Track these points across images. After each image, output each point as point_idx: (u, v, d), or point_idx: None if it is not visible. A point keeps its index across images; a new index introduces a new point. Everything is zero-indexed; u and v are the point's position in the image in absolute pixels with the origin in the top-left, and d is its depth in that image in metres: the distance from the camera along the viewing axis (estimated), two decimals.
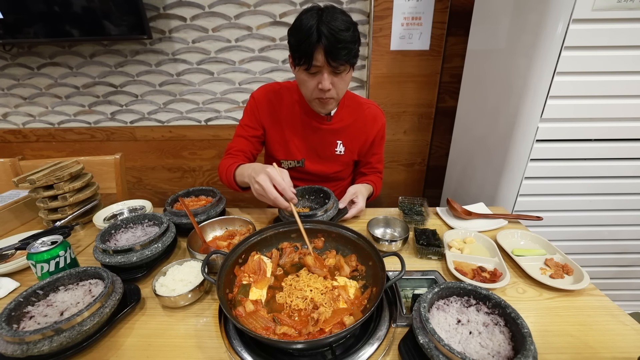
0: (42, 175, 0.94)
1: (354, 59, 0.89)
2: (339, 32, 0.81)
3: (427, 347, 0.48)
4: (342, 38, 0.81)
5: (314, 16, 0.82)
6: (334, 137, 1.11)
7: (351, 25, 0.84)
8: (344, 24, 0.82)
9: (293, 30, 0.87)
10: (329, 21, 0.81)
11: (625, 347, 0.57)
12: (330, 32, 0.80)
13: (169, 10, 1.64)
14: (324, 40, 0.81)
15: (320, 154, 1.12)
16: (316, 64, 0.85)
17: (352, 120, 1.10)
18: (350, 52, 0.85)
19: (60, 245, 0.70)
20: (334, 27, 0.81)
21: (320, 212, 0.88)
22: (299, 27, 0.84)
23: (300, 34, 0.83)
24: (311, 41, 0.81)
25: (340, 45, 0.82)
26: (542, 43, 1.00)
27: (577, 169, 1.17)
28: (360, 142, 1.13)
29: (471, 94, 1.51)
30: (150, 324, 0.64)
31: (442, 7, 1.57)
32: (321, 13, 0.83)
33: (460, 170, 1.64)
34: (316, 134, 1.09)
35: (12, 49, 1.73)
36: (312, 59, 0.84)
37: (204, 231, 0.87)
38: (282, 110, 1.08)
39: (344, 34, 0.82)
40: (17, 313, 0.57)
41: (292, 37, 0.87)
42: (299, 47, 0.85)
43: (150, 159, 2.02)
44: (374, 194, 1.19)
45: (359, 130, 1.12)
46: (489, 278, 0.73)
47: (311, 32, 0.81)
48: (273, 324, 0.57)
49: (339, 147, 1.12)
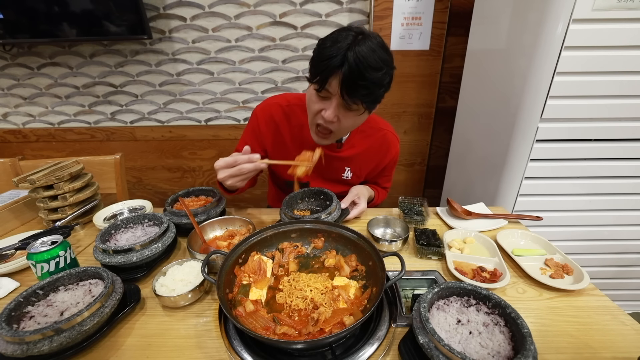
0: (42, 175, 0.94)
1: (371, 104, 0.79)
2: (367, 68, 0.70)
3: (427, 347, 0.48)
4: (368, 75, 0.71)
5: (349, 37, 0.72)
6: (342, 164, 1.05)
7: (384, 67, 0.73)
8: (377, 62, 0.72)
9: (322, 42, 0.76)
10: (362, 51, 0.70)
11: (625, 347, 0.57)
12: (357, 63, 0.70)
13: (169, 10, 1.64)
14: (345, 68, 0.70)
15: (326, 177, 1.07)
16: (329, 89, 0.76)
17: (363, 148, 1.03)
18: (370, 94, 0.75)
19: (60, 245, 0.70)
20: (363, 60, 0.70)
21: (323, 214, 0.88)
22: (329, 43, 0.73)
23: (326, 51, 0.73)
24: (332, 64, 0.71)
25: (363, 82, 0.72)
26: (542, 43, 1.00)
27: (577, 169, 1.17)
28: (370, 168, 1.09)
29: (471, 94, 1.51)
30: (150, 324, 0.64)
31: (442, 7, 1.57)
32: (358, 38, 0.72)
33: (460, 170, 1.64)
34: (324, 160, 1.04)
35: (12, 49, 1.73)
36: (326, 83, 0.75)
37: (204, 231, 0.87)
38: (289, 131, 0.99)
39: (371, 73, 0.71)
40: (17, 313, 0.57)
41: (318, 51, 0.76)
42: (318, 64, 0.75)
43: (150, 159, 2.02)
44: (375, 200, 1.17)
45: (370, 157, 1.05)
46: (489, 278, 0.73)
47: (337, 54, 0.71)
48: (273, 324, 0.57)
49: (347, 173, 1.07)
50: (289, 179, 1.08)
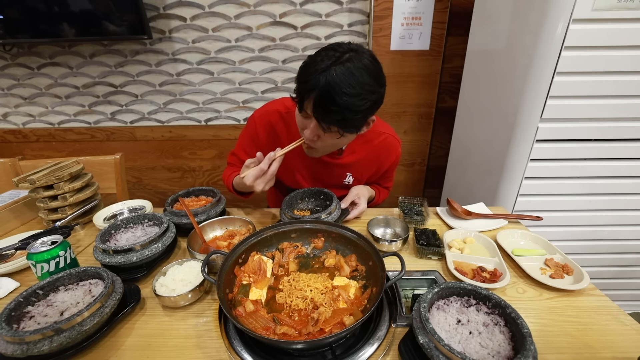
0: (42, 175, 0.94)
1: (349, 129, 0.74)
2: (339, 93, 0.66)
3: (427, 347, 0.48)
4: (339, 101, 0.66)
5: (331, 58, 0.67)
6: (343, 170, 1.05)
7: (362, 92, 0.68)
8: (353, 87, 0.66)
9: (305, 62, 0.73)
10: (337, 75, 0.65)
11: (625, 347, 0.57)
12: (328, 88, 0.66)
13: (169, 10, 1.64)
14: (316, 92, 0.67)
15: (327, 183, 1.07)
16: (306, 110, 0.74)
17: (364, 154, 1.02)
18: (343, 119, 0.70)
19: (60, 245, 0.70)
20: (335, 86, 0.65)
21: (324, 214, 0.88)
22: (310, 63, 0.70)
23: (304, 72, 0.70)
24: (307, 86, 0.68)
25: (334, 108, 0.67)
26: (542, 43, 1.00)
27: (577, 169, 1.17)
28: (371, 172, 1.08)
29: (471, 94, 1.51)
30: (150, 324, 0.64)
31: (442, 7, 1.57)
32: (342, 59, 0.67)
33: (460, 170, 1.64)
34: (325, 167, 1.02)
35: (12, 49, 1.73)
36: (302, 104, 0.73)
37: (204, 231, 0.87)
38: (288, 139, 0.97)
39: (344, 98, 0.66)
40: (17, 313, 0.57)
41: (300, 70, 0.73)
42: (298, 85, 0.73)
43: (150, 159, 2.02)
44: (376, 199, 1.17)
45: (371, 162, 1.05)
46: (489, 278, 0.73)
47: (312, 76, 0.67)
48: (273, 324, 0.57)
49: (348, 179, 1.07)
50: (291, 185, 1.09)
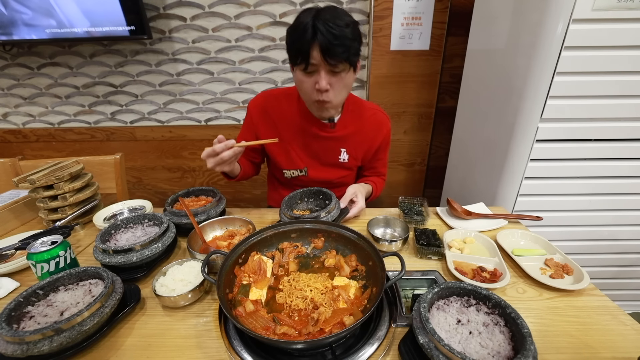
0: (42, 175, 0.94)
1: (353, 57, 0.86)
2: (336, 27, 0.79)
3: (427, 347, 0.48)
4: (339, 34, 0.79)
5: (311, 13, 0.81)
6: (337, 145, 1.08)
7: (350, 23, 0.83)
8: (342, 21, 0.81)
9: (290, 29, 0.86)
10: (326, 18, 0.80)
11: (625, 347, 0.57)
12: (327, 28, 0.79)
13: (169, 10, 1.64)
14: (319, 36, 0.79)
15: (323, 162, 1.10)
16: (313, 62, 0.83)
17: (356, 128, 1.07)
18: (348, 49, 0.82)
19: (60, 245, 0.70)
20: (331, 24, 0.79)
21: (323, 213, 0.88)
22: (296, 25, 0.83)
23: (297, 31, 0.82)
24: (307, 38, 0.80)
25: (337, 41, 0.80)
26: (542, 43, 1.00)
27: (577, 169, 1.17)
28: (365, 149, 1.11)
29: (471, 94, 1.51)
30: (150, 324, 0.64)
31: (442, 7, 1.57)
32: (319, 11, 0.82)
33: (460, 170, 1.64)
34: (319, 142, 1.06)
35: (12, 49, 1.73)
36: (308, 57, 0.82)
37: (204, 231, 0.87)
38: (281, 118, 1.05)
39: (342, 30, 0.80)
40: (17, 313, 0.57)
41: (289, 36, 0.86)
42: (295, 45, 0.84)
43: (150, 159, 2.02)
44: (374, 194, 1.18)
45: (363, 137, 1.09)
46: (489, 278, 0.73)
47: (307, 28, 0.79)
48: (273, 324, 0.57)
49: (343, 155, 1.09)
50: (287, 166, 1.11)
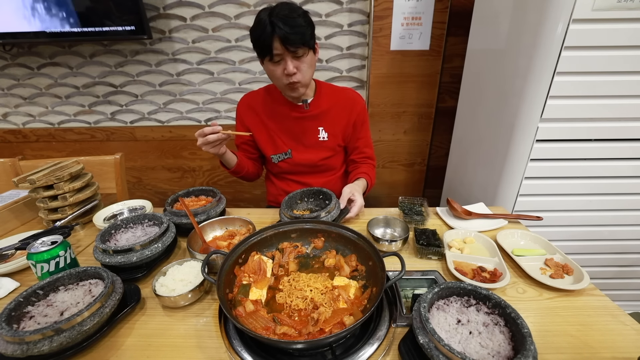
0: (42, 175, 0.94)
1: (310, 41, 0.96)
2: (290, 19, 0.90)
3: (427, 347, 0.48)
4: (294, 24, 0.91)
5: (267, 11, 0.92)
6: (314, 124, 1.16)
7: (302, 13, 0.94)
8: (295, 12, 0.93)
9: (252, 28, 0.96)
10: (280, 13, 0.91)
11: (625, 347, 0.57)
12: (282, 21, 0.90)
13: (169, 10, 1.64)
14: (277, 30, 0.90)
15: (305, 143, 1.17)
16: (277, 52, 0.93)
17: (330, 105, 1.16)
18: (304, 35, 0.93)
19: (60, 245, 0.70)
20: (285, 16, 0.90)
21: (323, 213, 0.88)
22: (256, 23, 0.94)
23: (258, 29, 0.93)
24: (267, 33, 0.90)
25: (293, 30, 0.91)
26: (542, 43, 1.00)
27: (577, 169, 1.17)
28: (342, 125, 1.17)
29: (471, 94, 1.51)
30: (150, 324, 0.64)
31: (442, 7, 1.56)
32: (273, 7, 0.93)
33: (461, 170, 1.64)
34: (297, 123, 1.15)
35: (12, 49, 1.73)
36: (272, 49, 0.93)
37: (204, 231, 0.87)
38: (263, 109, 1.16)
39: (295, 20, 0.91)
40: (17, 313, 0.57)
41: (252, 34, 0.96)
42: (259, 41, 0.94)
43: (150, 159, 2.02)
44: (370, 184, 1.19)
45: (338, 114, 1.17)
46: (489, 278, 0.73)
47: (266, 24, 0.90)
48: (273, 324, 0.57)
49: (322, 134, 1.17)
50: (274, 152, 1.19)
